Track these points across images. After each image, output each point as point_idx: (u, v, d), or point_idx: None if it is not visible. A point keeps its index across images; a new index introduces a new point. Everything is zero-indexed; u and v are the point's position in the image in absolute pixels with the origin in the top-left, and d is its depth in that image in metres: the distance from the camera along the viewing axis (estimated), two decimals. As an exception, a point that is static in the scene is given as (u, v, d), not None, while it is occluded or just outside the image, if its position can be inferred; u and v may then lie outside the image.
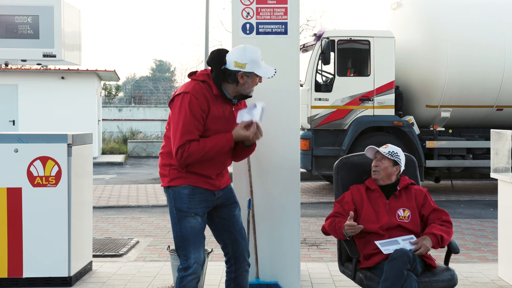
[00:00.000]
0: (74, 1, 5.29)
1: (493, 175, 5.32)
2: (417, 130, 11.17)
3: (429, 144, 11.24)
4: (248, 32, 4.60)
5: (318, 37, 10.85)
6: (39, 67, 18.08)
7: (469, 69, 11.00)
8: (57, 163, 4.76)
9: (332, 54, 10.80)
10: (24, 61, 4.99)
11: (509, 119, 11.64)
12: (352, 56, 11.16)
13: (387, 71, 10.87)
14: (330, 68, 10.97)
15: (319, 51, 10.71)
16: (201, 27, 49.30)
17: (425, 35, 11.16)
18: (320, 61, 10.77)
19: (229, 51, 3.45)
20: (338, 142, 10.89)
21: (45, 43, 4.82)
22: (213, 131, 3.40)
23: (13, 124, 18.02)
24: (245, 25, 4.61)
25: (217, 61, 3.40)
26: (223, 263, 3.72)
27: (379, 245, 3.65)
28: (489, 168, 5.57)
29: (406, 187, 3.92)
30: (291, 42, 4.62)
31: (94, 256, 5.66)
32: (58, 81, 18.38)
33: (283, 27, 4.60)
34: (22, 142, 4.76)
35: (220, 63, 3.40)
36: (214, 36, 35.09)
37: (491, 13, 11.45)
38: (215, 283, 4.96)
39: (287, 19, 4.59)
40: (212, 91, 3.41)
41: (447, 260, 3.86)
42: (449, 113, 11.25)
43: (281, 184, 4.60)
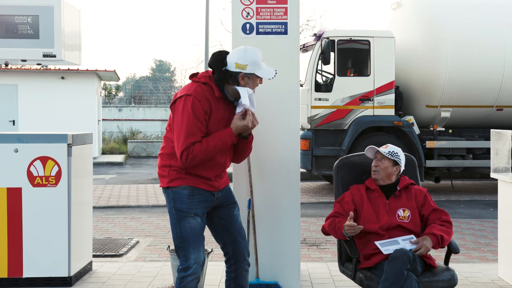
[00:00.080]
0: (74, 1, 5.29)
1: (493, 175, 5.32)
2: (417, 130, 11.16)
3: (429, 144, 11.23)
4: (248, 32, 4.60)
5: (318, 37, 10.85)
6: (39, 67, 18.08)
7: (469, 69, 11.00)
8: (57, 163, 4.76)
9: (332, 54, 10.80)
10: (24, 61, 4.99)
11: (509, 119, 11.64)
12: (352, 56, 11.16)
13: (387, 71, 10.87)
14: (330, 68, 10.97)
15: (319, 51, 10.71)
16: (201, 27, 49.38)
17: (425, 35, 11.16)
18: (320, 61, 10.77)
19: (229, 53, 3.45)
20: (338, 142, 10.89)
21: (45, 43, 4.82)
22: (214, 132, 3.40)
23: (13, 124, 18.02)
24: (245, 25, 4.60)
25: (219, 63, 3.40)
26: (223, 263, 3.72)
27: (379, 246, 3.65)
28: (489, 168, 5.57)
29: (406, 187, 3.92)
30: (291, 42, 4.61)
31: (94, 256, 5.66)
32: (58, 81, 18.38)
33: (283, 27, 4.60)
34: (22, 142, 4.76)
35: (221, 65, 3.40)
36: (214, 36, 35.17)
37: (491, 13, 11.44)
38: (215, 283, 4.96)
39: (287, 19, 4.59)
40: (214, 93, 3.41)
41: (447, 260, 3.86)
42: (449, 113, 11.25)
43: (281, 184, 4.60)
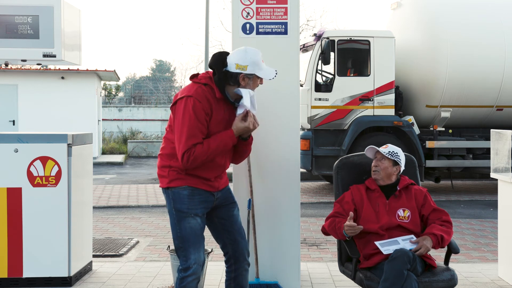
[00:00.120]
0: (74, 1, 5.29)
1: (493, 175, 5.32)
2: (417, 130, 11.16)
3: (429, 144, 11.23)
4: (248, 32, 4.60)
5: (318, 37, 10.85)
6: (39, 67, 18.08)
7: (469, 69, 11.00)
8: (57, 163, 4.76)
9: (332, 54, 10.80)
10: (24, 61, 4.99)
11: (509, 119, 11.64)
12: (352, 56, 11.16)
13: (387, 71, 10.87)
14: (330, 68, 10.97)
15: (319, 51, 10.71)
16: (201, 27, 49.40)
17: (425, 35, 11.16)
18: (320, 61, 10.77)
19: (229, 53, 3.45)
20: (338, 142, 10.88)
21: (45, 43, 4.82)
22: (215, 134, 3.40)
23: (13, 124, 18.03)
24: (245, 25, 4.60)
25: (219, 64, 3.40)
26: (223, 263, 3.72)
27: (379, 246, 3.65)
28: (489, 168, 5.57)
29: (406, 187, 3.92)
30: (291, 42, 4.61)
31: (94, 256, 5.66)
32: (58, 81, 18.38)
33: (283, 27, 4.60)
34: (22, 142, 4.76)
35: (222, 66, 3.39)
36: (214, 36, 35.13)
37: (491, 13, 11.44)
38: (215, 283, 4.96)
39: (287, 19, 4.59)
40: (214, 94, 3.40)
41: (447, 260, 3.86)
42: (449, 113, 11.25)
43: (281, 184, 4.60)
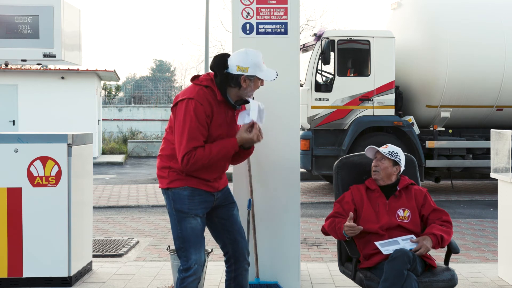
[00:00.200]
0: (74, 1, 5.29)
1: (493, 175, 5.32)
2: (417, 130, 11.16)
3: (429, 144, 11.23)
4: (248, 32, 4.60)
5: (318, 37, 10.85)
6: (39, 67, 18.08)
7: (469, 69, 11.00)
8: (57, 163, 4.76)
9: (332, 54, 10.80)
10: (24, 61, 4.99)
11: (509, 119, 11.64)
12: (352, 56, 11.16)
13: (387, 71, 10.87)
14: (330, 68, 10.97)
15: (319, 51, 10.71)
16: (201, 27, 49.34)
17: (425, 35, 11.16)
18: (320, 61, 10.77)
19: (230, 55, 3.45)
20: (338, 142, 10.88)
21: (45, 43, 4.82)
22: (215, 136, 3.40)
23: (13, 124, 18.02)
24: (245, 25, 4.60)
25: (221, 66, 3.39)
26: (223, 263, 3.72)
27: (379, 246, 3.65)
28: (489, 168, 5.57)
29: (406, 187, 3.92)
30: (291, 42, 4.61)
31: (94, 256, 5.66)
32: (58, 81, 18.38)
33: (283, 27, 4.60)
34: (22, 142, 4.76)
35: (223, 68, 3.39)
36: (214, 36, 35.12)
37: (491, 13, 11.44)
38: (215, 283, 4.96)
39: (287, 19, 4.59)
40: (215, 97, 3.40)
41: (447, 260, 3.86)
42: (449, 113, 11.25)
43: (281, 184, 4.60)
